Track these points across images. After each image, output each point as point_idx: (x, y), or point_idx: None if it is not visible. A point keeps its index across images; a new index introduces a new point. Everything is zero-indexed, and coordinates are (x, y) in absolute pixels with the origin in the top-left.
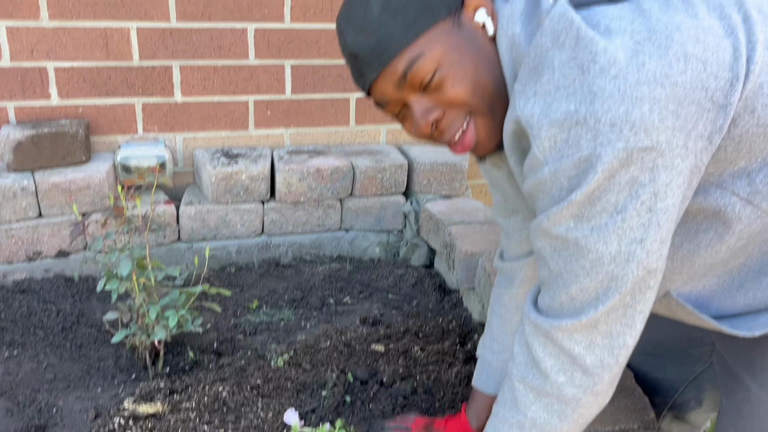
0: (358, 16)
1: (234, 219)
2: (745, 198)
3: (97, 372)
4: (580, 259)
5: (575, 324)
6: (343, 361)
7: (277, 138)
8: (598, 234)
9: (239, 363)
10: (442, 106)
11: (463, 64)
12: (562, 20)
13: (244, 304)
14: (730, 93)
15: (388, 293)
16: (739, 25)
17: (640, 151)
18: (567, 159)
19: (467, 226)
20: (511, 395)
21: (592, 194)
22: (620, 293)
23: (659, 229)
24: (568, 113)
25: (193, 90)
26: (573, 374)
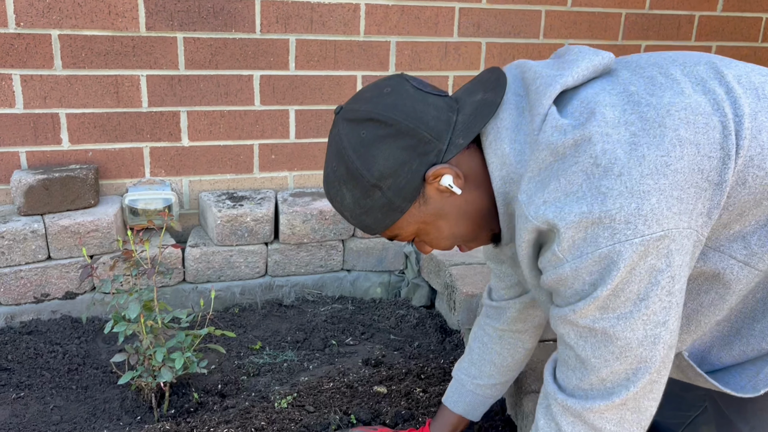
0: (335, 201)
1: (238, 260)
2: (742, 260)
3: (103, 414)
4: (609, 345)
5: (608, 405)
6: (345, 403)
7: (281, 180)
8: (624, 322)
9: (243, 404)
10: (431, 247)
11: (437, 229)
12: (556, 133)
13: (247, 345)
14: (724, 171)
15: (390, 334)
16: (724, 99)
17: (655, 241)
18: (587, 257)
19: (467, 267)
20: None
21: (616, 288)
22: (650, 373)
23: (678, 308)
24: (582, 214)
25: (200, 134)
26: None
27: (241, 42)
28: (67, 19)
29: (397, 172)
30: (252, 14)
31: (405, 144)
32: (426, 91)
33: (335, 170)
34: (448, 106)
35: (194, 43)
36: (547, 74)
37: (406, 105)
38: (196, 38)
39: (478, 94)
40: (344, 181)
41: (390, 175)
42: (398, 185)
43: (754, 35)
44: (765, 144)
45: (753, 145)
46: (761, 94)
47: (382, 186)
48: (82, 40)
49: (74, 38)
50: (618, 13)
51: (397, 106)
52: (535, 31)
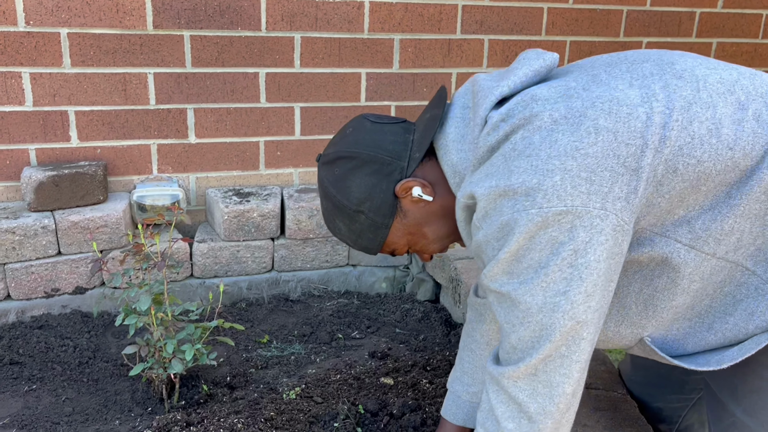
0: (335, 232)
1: (245, 255)
2: (687, 244)
3: (114, 405)
4: (514, 310)
5: (516, 371)
6: (353, 394)
7: (286, 177)
8: (525, 287)
9: (252, 396)
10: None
11: (423, 236)
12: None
13: (255, 338)
14: (641, 158)
15: (396, 328)
16: (657, 93)
17: (555, 214)
18: (493, 223)
19: (472, 261)
20: None
21: (516, 253)
22: (551, 341)
23: (582, 282)
24: (491, 187)
25: (207, 132)
26: (520, 421)
27: (247, 40)
28: (76, 17)
29: (371, 194)
30: (258, 12)
31: (371, 170)
32: (382, 122)
33: (326, 207)
34: (405, 129)
35: (201, 41)
36: (488, 86)
37: (366, 138)
38: (203, 36)
39: (427, 113)
40: (334, 214)
41: (366, 199)
42: (376, 206)
43: (755, 32)
44: (695, 134)
45: (682, 135)
46: (701, 86)
47: (363, 209)
48: (91, 39)
49: (83, 36)
50: (619, 9)
51: (358, 141)
52: (537, 27)
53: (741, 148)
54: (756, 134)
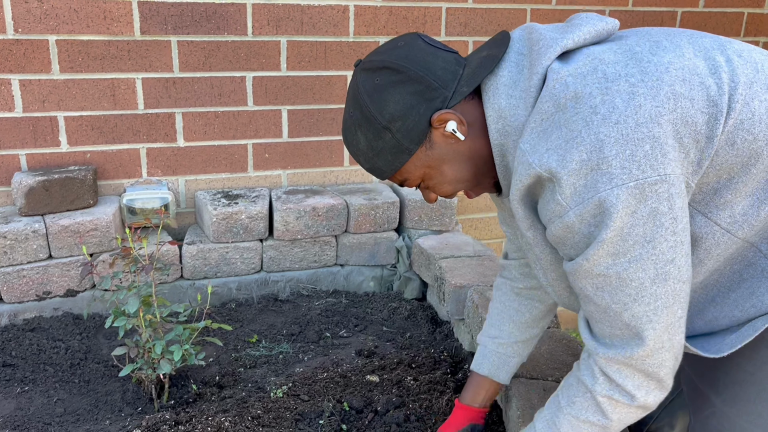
0: (351, 145)
1: (234, 257)
2: (725, 227)
3: (105, 405)
4: (624, 288)
5: (644, 350)
6: (339, 392)
7: (275, 179)
8: (636, 264)
9: (240, 395)
10: (437, 194)
11: (441, 174)
12: (558, 85)
13: (244, 338)
14: (715, 126)
15: (383, 326)
16: (723, 66)
17: (651, 185)
18: (588, 202)
19: (456, 260)
20: (594, 404)
21: (621, 230)
22: (668, 307)
23: (683, 246)
24: (581, 162)
25: (195, 135)
26: (649, 386)
27: (234, 44)
28: (64, 24)
29: (405, 115)
30: (244, 17)
31: (414, 89)
32: (437, 46)
33: (351, 115)
34: (456, 61)
35: (188, 46)
36: (550, 36)
37: (417, 56)
38: (190, 41)
39: (483, 51)
40: (359, 124)
41: (399, 118)
42: (407, 127)
43: (737, 29)
44: (756, 111)
45: (745, 110)
46: (760, 68)
47: (391, 128)
48: (79, 45)
49: (71, 43)
50: (601, 10)
51: (408, 56)
52: None
53: None
54: None
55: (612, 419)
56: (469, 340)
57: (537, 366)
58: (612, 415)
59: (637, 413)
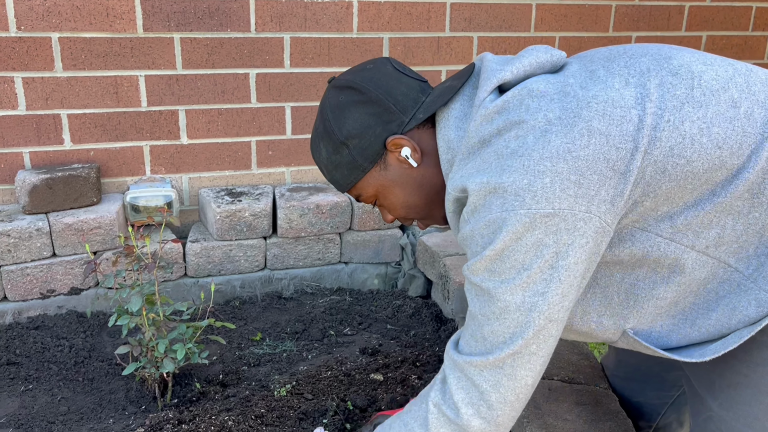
0: (315, 154)
1: (238, 255)
2: (667, 237)
3: (108, 404)
4: (491, 305)
5: (484, 361)
6: (343, 390)
7: (278, 176)
8: (506, 286)
9: (244, 393)
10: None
11: (394, 195)
12: (484, 122)
13: (248, 336)
14: (631, 161)
15: (387, 324)
16: (652, 92)
17: (543, 217)
18: (480, 220)
19: (461, 257)
20: (423, 414)
21: (501, 252)
22: (523, 338)
23: (560, 284)
24: (482, 183)
25: (198, 132)
26: (479, 407)
27: (237, 41)
28: (67, 22)
29: (362, 133)
30: (247, 14)
31: (372, 111)
32: (404, 72)
33: (317, 127)
34: (421, 89)
35: (191, 43)
36: (492, 68)
37: (382, 80)
38: (193, 38)
39: (447, 81)
40: (321, 137)
41: (356, 136)
42: (362, 146)
43: (745, 24)
44: (687, 133)
45: (673, 136)
46: (696, 84)
47: (349, 144)
48: (82, 42)
49: (74, 40)
50: (608, 5)
51: (373, 79)
52: (526, 24)
53: (729, 147)
54: (745, 133)
55: None
56: None
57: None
58: (432, 430)
59: None
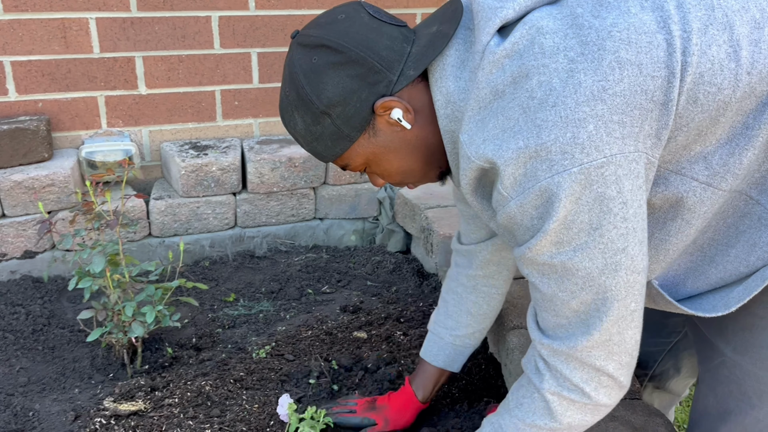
0: (289, 126)
1: (206, 212)
2: (704, 181)
3: (72, 373)
4: (571, 278)
5: (590, 341)
6: (325, 350)
7: (245, 128)
8: (582, 253)
9: (220, 357)
10: (382, 180)
11: (387, 162)
12: (495, 70)
13: (220, 297)
14: (669, 90)
15: (367, 281)
16: (673, 14)
17: (597, 168)
18: (529, 192)
19: (443, 210)
20: (543, 404)
21: (564, 219)
22: (618, 301)
23: (635, 233)
24: (519, 149)
25: (158, 82)
26: (600, 379)
27: None
28: None
29: (346, 100)
30: None
31: (354, 72)
32: (382, 19)
33: (287, 95)
34: (404, 36)
35: None
36: (489, 6)
37: (359, 33)
38: None
39: (434, 26)
40: (296, 107)
41: (339, 104)
42: (347, 114)
43: None
44: (715, 58)
45: (702, 61)
46: (715, 4)
47: (331, 114)
48: None
49: None
50: None
51: (349, 33)
52: None
53: (758, 71)
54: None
55: (561, 422)
56: None
57: None
58: (562, 418)
59: (591, 416)
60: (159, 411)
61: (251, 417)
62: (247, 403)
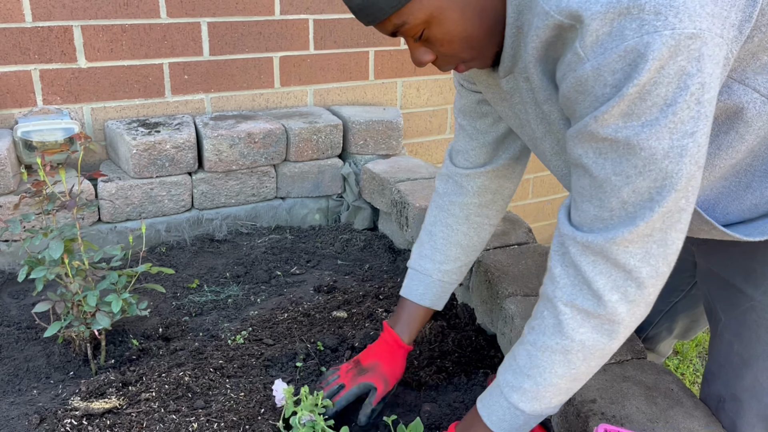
0: None
1: (160, 194)
2: (765, 94)
3: (26, 374)
4: (631, 158)
5: (632, 233)
6: (305, 332)
7: (196, 104)
8: (650, 130)
9: (193, 345)
10: (434, 53)
11: (449, 24)
12: None
13: (182, 284)
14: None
15: (337, 259)
16: None
17: (686, 38)
18: (611, 52)
19: (414, 182)
20: (554, 320)
21: (643, 88)
22: (675, 191)
23: (707, 121)
24: (609, 4)
25: (99, 54)
26: (627, 289)
27: None
28: None
29: None
30: None
31: None
32: None
33: None
34: None
35: None
36: None
37: None
38: None
39: None
40: None
41: None
42: None
43: None
44: None
45: None
46: None
47: None
48: None
49: None
50: None
51: None
52: None
53: None
54: None
55: (573, 339)
56: None
57: (528, 282)
58: (573, 334)
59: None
60: (136, 407)
61: (239, 406)
62: (232, 392)
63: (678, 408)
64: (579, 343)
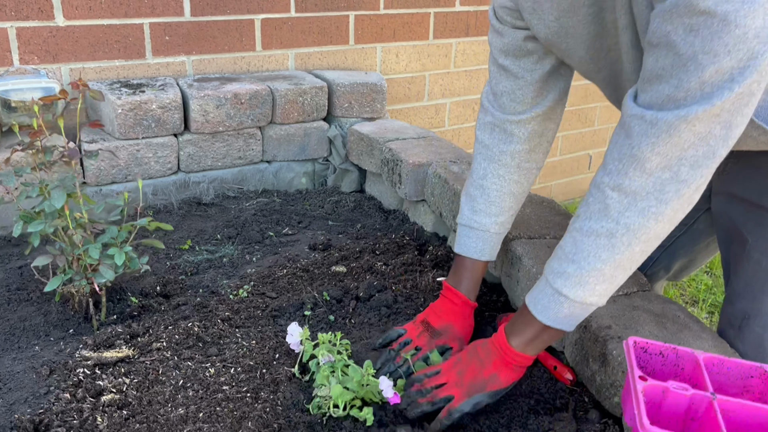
0: None
1: (147, 155)
2: None
3: (24, 332)
4: (724, 35)
5: (705, 112)
6: (307, 285)
7: (178, 66)
8: (749, 6)
9: (195, 301)
10: None
11: None
12: None
13: (174, 246)
14: None
15: (328, 220)
16: None
17: None
18: None
19: (404, 141)
20: (600, 205)
21: None
22: (757, 72)
23: None
24: None
25: (78, 12)
26: (679, 169)
27: None
28: None
29: None
30: None
31: None
32: None
33: None
34: None
35: None
36: None
37: None
38: None
39: None
40: None
41: None
42: None
43: None
44: None
45: None
46: None
47: None
48: None
49: None
50: None
51: None
52: None
53: None
54: None
55: (618, 222)
56: (433, 219)
57: (530, 227)
58: (619, 217)
59: (653, 221)
60: (149, 356)
61: (252, 353)
62: (243, 340)
63: (687, 331)
64: (624, 227)
